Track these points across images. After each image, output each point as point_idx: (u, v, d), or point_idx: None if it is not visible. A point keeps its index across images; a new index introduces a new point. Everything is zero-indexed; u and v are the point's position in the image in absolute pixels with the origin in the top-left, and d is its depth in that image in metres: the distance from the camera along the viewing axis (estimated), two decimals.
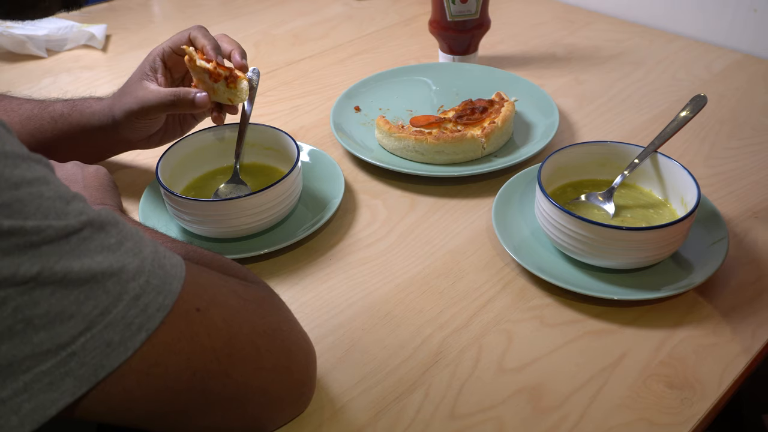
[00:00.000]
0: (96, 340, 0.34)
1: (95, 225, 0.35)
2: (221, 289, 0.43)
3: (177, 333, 0.38)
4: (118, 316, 0.34)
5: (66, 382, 0.33)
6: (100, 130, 0.69)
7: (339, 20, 1.21)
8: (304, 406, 0.50)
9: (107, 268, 0.34)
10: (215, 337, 0.40)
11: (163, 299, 0.37)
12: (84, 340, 0.33)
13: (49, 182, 0.34)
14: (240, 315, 0.43)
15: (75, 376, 0.33)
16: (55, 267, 0.32)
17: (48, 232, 0.32)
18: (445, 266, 0.64)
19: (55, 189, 0.34)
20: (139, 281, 0.36)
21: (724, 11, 1.03)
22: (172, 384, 0.38)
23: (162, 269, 0.38)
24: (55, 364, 0.33)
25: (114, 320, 0.34)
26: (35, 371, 0.32)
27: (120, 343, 0.35)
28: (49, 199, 0.33)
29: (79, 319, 0.33)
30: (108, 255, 0.35)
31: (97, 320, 0.34)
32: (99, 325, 0.34)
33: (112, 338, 0.34)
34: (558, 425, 0.49)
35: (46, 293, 0.32)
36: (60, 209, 0.33)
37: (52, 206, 0.33)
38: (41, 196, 0.33)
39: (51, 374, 0.33)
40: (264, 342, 0.44)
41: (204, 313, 0.40)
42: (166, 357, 0.37)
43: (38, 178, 0.33)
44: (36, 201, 0.32)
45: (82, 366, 0.33)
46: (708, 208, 0.66)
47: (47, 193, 0.33)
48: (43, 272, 0.32)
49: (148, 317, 0.36)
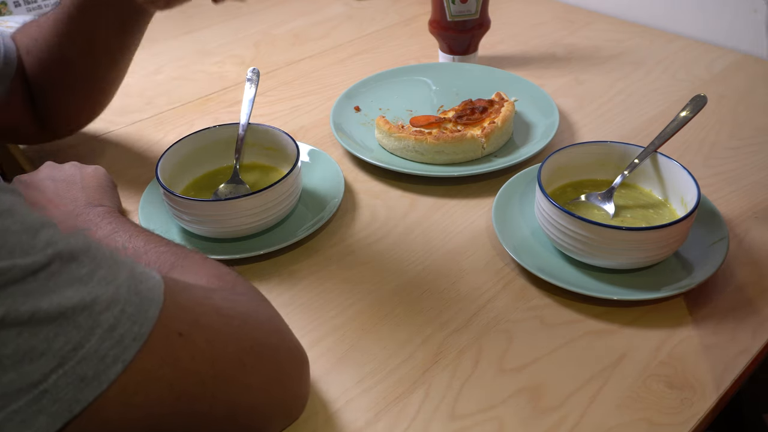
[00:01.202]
0: (69, 376, 0.33)
1: (64, 257, 0.34)
2: (204, 308, 0.42)
3: (157, 360, 0.36)
4: (91, 350, 0.33)
5: (39, 420, 0.32)
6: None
7: (339, 20, 1.21)
8: (297, 415, 0.49)
9: (78, 302, 0.33)
10: (199, 360, 0.39)
11: (139, 328, 0.35)
12: (56, 377, 0.32)
13: (13, 214, 0.33)
14: (224, 335, 0.42)
15: (48, 413, 0.32)
16: (21, 308, 0.31)
17: (14, 271, 0.31)
18: (445, 266, 0.64)
19: (21, 220, 0.33)
20: (114, 311, 0.34)
21: (724, 11, 1.03)
22: (155, 410, 0.37)
23: (138, 295, 0.36)
24: (27, 402, 0.32)
25: (87, 355, 0.33)
26: (7, 411, 0.31)
27: (94, 377, 0.33)
28: (14, 234, 0.32)
29: (50, 356, 0.32)
30: (79, 287, 0.34)
31: (69, 356, 0.32)
32: (71, 361, 0.33)
33: (86, 373, 0.33)
34: (558, 425, 0.49)
35: (12, 334, 0.31)
36: (26, 243, 0.32)
37: (18, 241, 0.32)
38: (6, 231, 0.32)
39: (23, 412, 0.32)
40: (251, 359, 0.43)
41: (186, 338, 0.38)
42: (146, 385, 0.36)
43: (2, 211, 0.32)
44: (1, 238, 0.31)
45: (55, 403, 0.32)
46: (708, 208, 0.66)
47: (12, 226, 0.32)
48: (9, 314, 0.31)
49: (123, 348, 0.35)
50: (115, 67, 0.77)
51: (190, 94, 0.98)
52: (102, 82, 0.78)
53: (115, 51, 0.75)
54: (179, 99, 0.97)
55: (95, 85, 0.77)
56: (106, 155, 0.84)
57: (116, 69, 0.77)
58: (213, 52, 1.11)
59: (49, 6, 1.28)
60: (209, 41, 1.15)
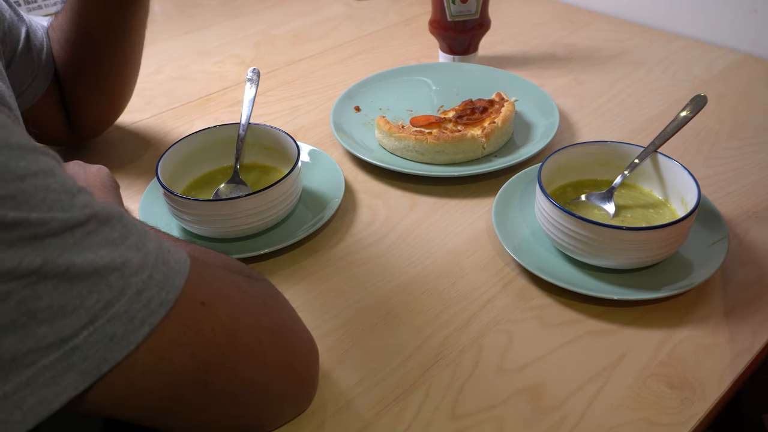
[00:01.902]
0: (99, 334, 0.34)
1: (100, 218, 0.35)
2: (225, 284, 0.43)
3: (182, 327, 0.38)
4: (120, 310, 0.34)
5: (69, 376, 0.33)
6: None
7: (339, 20, 1.21)
8: (306, 405, 0.50)
9: (110, 262, 0.34)
10: (219, 332, 0.40)
11: (165, 294, 0.37)
12: (87, 333, 0.33)
13: (55, 174, 0.34)
14: (244, 310, 0.43)
15: (78, 370, 0.33)
16: (59, 260, 0.32)
17: (52, 224, 0.32)
18: (445, 266, 0.64)
19: (61, 181, 0.34)
20: (142, 276, 0.36)
21: (724, 11, 1.03)
22: (177, 378, 0.38)
23: (166, 265, 0.38)
24: (57, 357, 0.33)
25: (117, 314, 0.34)
26: (38, 365, 0.32)
27: (123, 336, 0.35)
28: (54, 191, 0.33)
29: (82, 312, 0.33)
30: (112, 249, 0.35)
31: (100, 314, 0.34)
32: (102, 319, 0.34)
33: (115, 332, 0.34)
34: (558, 425, 0.49)
35: (49, 286, 0.32)
36: (65, 201, 0.33)
37: (57, 198, 0.33)
38: (47, 188, 0.33)
39: (54, 368, 0.33)
40: (267, 337, 0.44)
41: (209, 308, 0.40)
42: (171, 350, 0.37)
43: (44, 170, 0.33)
44: (41, 193, 0.32)
45: (85, 360, 0.33)
46: (708, 208, 0.66)
47: (53, 185, 0.33)
48: (47, 265, 0.32)
49: (150, 312, 0.36)
50: (127, 50, 0.78)
51: (190, 94, 0.98)
52: (120, 70, 0.79)
53: (120, 31, 0.76)
54: (179, 99, 0.97)
55: (116, 74, 0.79)
56: (107, 155, 0.84)
57: (130, 53, 0.78)
58: (213, 52, 1.12)
59: (49, 6, 1.28)
60: (209, 41, 1.15)
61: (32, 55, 0.72)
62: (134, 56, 0.80)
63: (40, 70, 0.74)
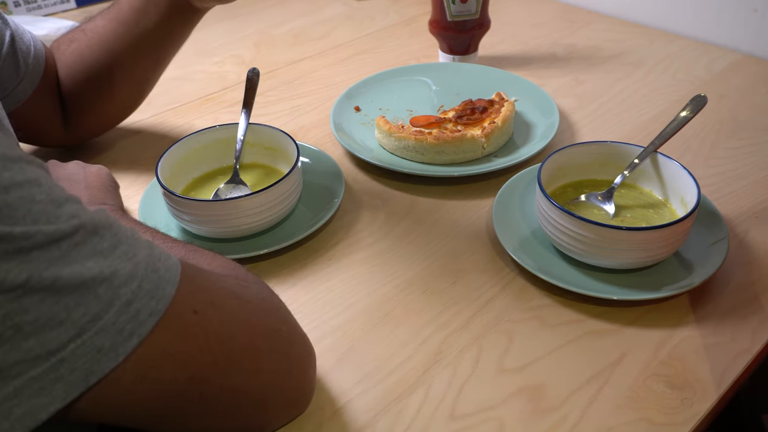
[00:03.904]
0: (86, 346, 0.33)
1: (88, 228, 0.34)
2: (219, 290, 0.43)
3: (172, 336, 0.37)
4: (108, 322, 0.34)
5: (56, 388, 0.33)
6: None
7: (339, 20, 1.21)
8: (303, 408, 0.50)
9: (98, 274, 0.34)
10: (212, 340, 0.40)
11: (155, 304, 0.36)
12: (74, 346, 0.33)
13: (41, 184, 0.33)
14: (238, 316, 0.42)
15: (65, 382, 0.33)
16: (44, 273, 0.32)
17: (37, 237, 0.32)
18: (444, 266, 0.64)
19: (47, 191, 0.34)
20: (131, 286, 0.35)
21: (724, 11, 1.03)
22: (168, 388, 0.38)
23: (156, 273, 0.37)
24: (45, 369, 0.32)
25: (105, 326, 0.34)
26: (25, 377, 0.32)
27: (111, 348, 0.34)
28: (39, 203, 0.33)
29: (69, 325, 0.33)
30: (100, 260, 0.34)
31: (88, 327, 0.33)
32: (89, 332, 0.33)
33: (103, 344, 0.34)
34: (558, 425, 0.49)
35: (35, 300, 0.31)
36: (51, 213, 0.33)
37: (43, 210, 0.33)
38: (32, 200, 0.32)
39: (41, 380, 0.32)
40: (263, 344, 0.43)
41: (201, 315, 0.39)
42: (161, 360, 0.37)
43: (29, 180, 0.33)
44: (26, 205, 0.32)
45: (73, 372, 0.33)
46: (708, 208, 0.66)
47: (38, 195, 0.33)
48: (32, 279, 0.31)
49: (139, 323, 0.35)
50: (159, 67, 0.80)
51: (190, 94, 0.98)
52: (143, 83, 0.80)
53: (161, 51, 0.77)
54: (179, 99, 0.97)
55: (135, 86, 0.80)
56: (106, 155, 0.84)
57: (160, 69, 0.80)
58: (213, 52, 1.12)
59: (49, 6, 1.28)
60: (209, 41, 1.15)
61: (17, 59, 0.71)
62: (164, 69, 0.81)
63: (26, 74, 0.73)
